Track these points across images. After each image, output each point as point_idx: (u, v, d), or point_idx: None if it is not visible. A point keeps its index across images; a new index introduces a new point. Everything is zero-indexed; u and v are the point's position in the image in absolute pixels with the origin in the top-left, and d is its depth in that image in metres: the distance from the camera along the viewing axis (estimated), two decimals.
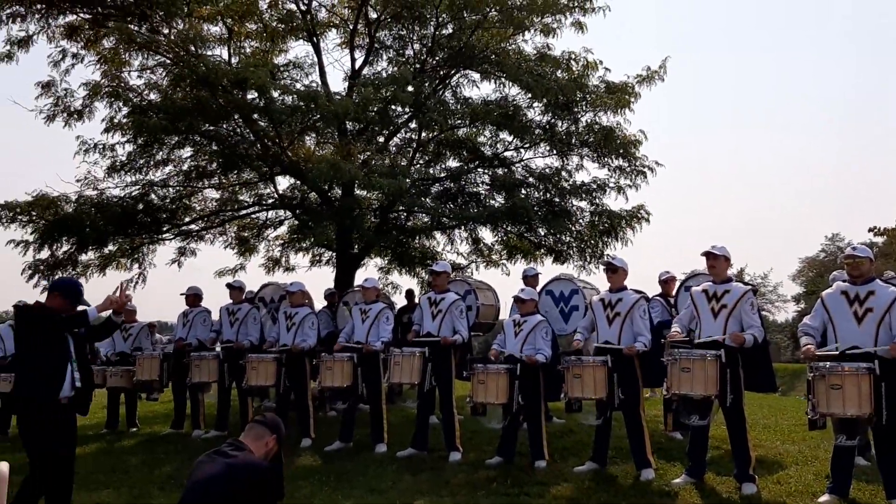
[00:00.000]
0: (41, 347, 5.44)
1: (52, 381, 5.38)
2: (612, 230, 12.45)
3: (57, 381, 5.40)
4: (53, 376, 5.40)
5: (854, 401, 5.64)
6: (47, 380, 5.38)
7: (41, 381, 5.37)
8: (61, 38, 12.18)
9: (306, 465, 8.00)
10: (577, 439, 8.64)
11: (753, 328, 6.45)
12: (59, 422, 5.39)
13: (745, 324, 6.48)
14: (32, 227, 11.99)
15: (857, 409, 5.64)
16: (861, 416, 5.66)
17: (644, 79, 12.45)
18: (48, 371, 5.40)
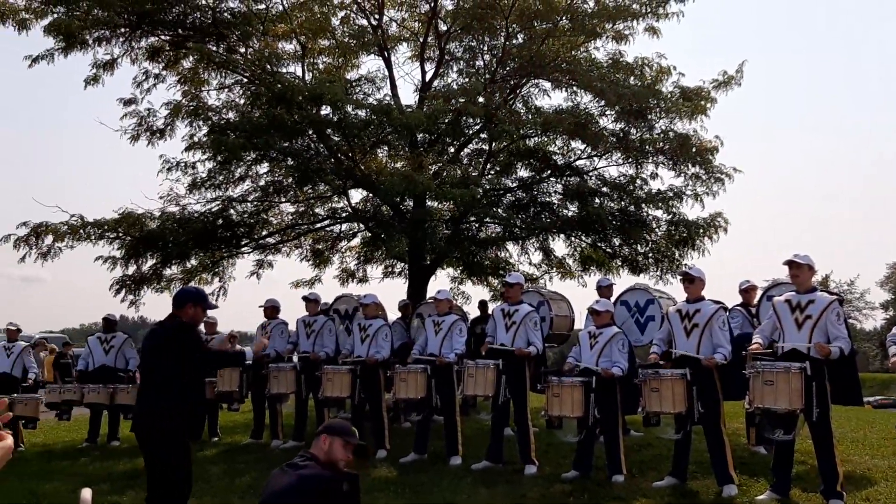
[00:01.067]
0: (188, 374, 5.39)
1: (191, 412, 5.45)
2: (689, 239, 12.18)
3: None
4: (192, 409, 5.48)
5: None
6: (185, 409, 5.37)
7: (182, 411, 5.32)
8: (144, 59, 12.66)
9: (382, 476, 8.05)
10: (656, 453, 8.46)
11: (840, 340, 6.20)
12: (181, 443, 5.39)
13: (830, 335, 6.24)
14: (119, 244, 12.42)
15: None
16: None
17: (720, 84, 12.18)
18: (188, 399, 5.39)
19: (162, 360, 5.37)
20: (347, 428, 4.21)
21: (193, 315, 5.50)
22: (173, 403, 5.28)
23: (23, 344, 11.47)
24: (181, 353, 5.36)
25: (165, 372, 5.33)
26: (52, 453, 10.46)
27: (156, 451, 5.29)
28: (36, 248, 12.00)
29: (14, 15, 11.57)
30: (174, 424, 5.28)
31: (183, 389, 5.35)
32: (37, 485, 8.11)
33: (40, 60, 12.02)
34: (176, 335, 5.41)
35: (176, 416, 5.29)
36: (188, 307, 5.47)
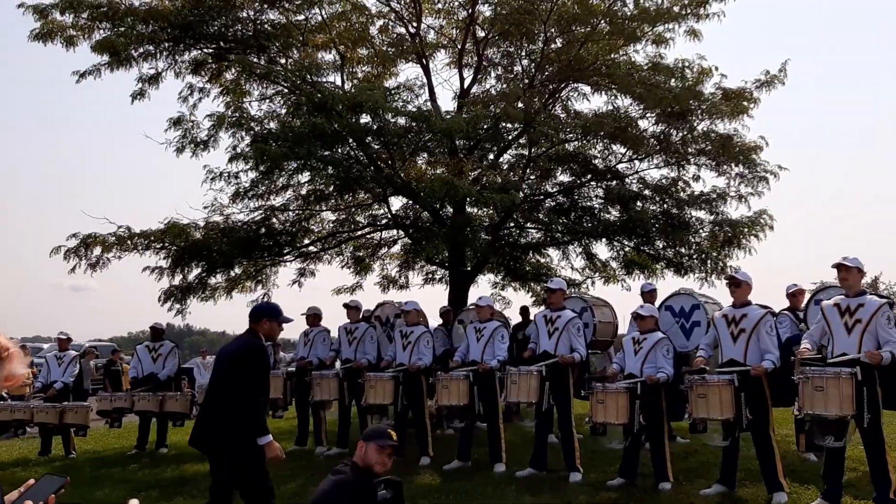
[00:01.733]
0: (261, 392, 5.47)
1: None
2: (734, 239, 12.00)
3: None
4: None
5: None
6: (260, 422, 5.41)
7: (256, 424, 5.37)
8: (187, 73, 12.87)
9: (426, 483, 8.05)
10: (703, 460, 8.34)
11: (890, 344, 6.05)
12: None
13: (881, 339, 6.09)
14: (165, 254, 12.63)
15: None
16: None
17: (763, 83, 11.99)
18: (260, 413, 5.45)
19: (237, 376, 5.39)
20: (381, 431, 4.25)
21: (269, 329, 5.61)
22: (245, 416, 5.30)
23: (72, 353, 11.73)
24: (256, 372, 5.42)
25: (239, 388, 5.35)
26: (102, 460, 10.66)
27: (233, 463, 5.30)
28: (85, 258, 12.24)
29: (62, 32, 11.86)
30: (246, 436, 5.29)
31: (255, 404, 5.38)
32: (88, 491, 8.27)
33: (87, 76, 12.30)
34: (253, 355, 5.44)
35: (247, 428, 5.29)
36: (264, 322, 5.59)
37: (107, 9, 11.60)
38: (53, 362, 11.53)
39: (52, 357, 11.74)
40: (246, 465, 5.29)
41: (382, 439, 4.17)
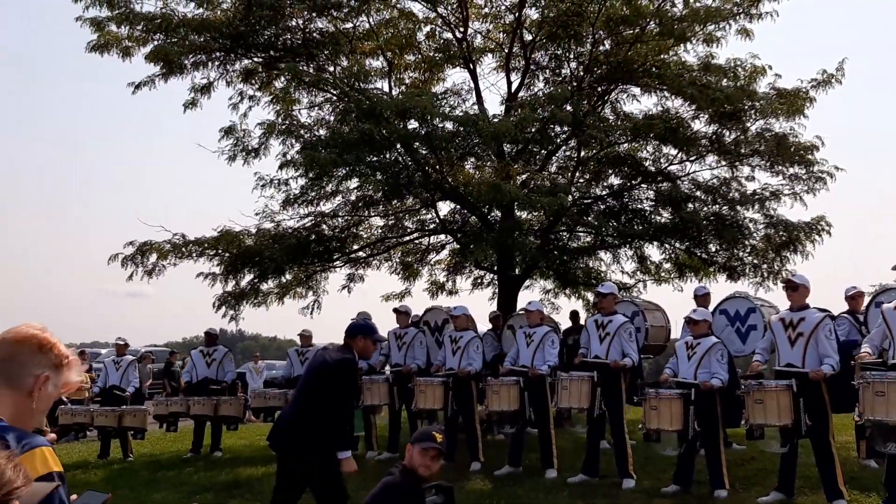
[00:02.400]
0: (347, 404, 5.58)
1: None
2: (791, 243, 11.73)
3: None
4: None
5: None
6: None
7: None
8: (238, 81, 13.08)
9: (476, 489, 8.03)
10: (760, 467, 8.16)
11: None
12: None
13: None
14: (218, 260, 12.84)
15: None
16: None
17: (819, 83, 11.71)
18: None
19: (328, 387, 5.41)
20: (427, 434, 4.27)
21: (364, 347, 5.70)
22: (331, 428, 5.34)
23: (129, 358, 12.01)
24: (347, 386, 5.53)
25: (329, 400, 5.38)
26: (158, 463, 10.88)
27: (319, 474, 5.35)
28: (141, 266, 12.52)
29: (118, 43, 12.17)
30: (331, 447, 5.34)
31: (342, 417, 5.45)
32: (146, 494, 8.45)
33: (143, 87, 12.59)
34: (346, 369, 5.51)
35: (332, 440, 5.34)
36: (359, 339, 5.67)
37: (160, 20, 11.86)
38: (111, 367, 11.83)
39: (109, 362, 12.05)
40: (331, 478, 5.34)
41: (426, 442, 4.18)
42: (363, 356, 5.81)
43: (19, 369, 1.89)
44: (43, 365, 1.91)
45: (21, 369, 1.89)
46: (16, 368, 1.89)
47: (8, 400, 1.87)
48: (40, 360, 1.90)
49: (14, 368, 1.89)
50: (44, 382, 1.91)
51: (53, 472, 1.83)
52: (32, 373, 1.90)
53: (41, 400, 1.92)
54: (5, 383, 1.88)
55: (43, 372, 1.91)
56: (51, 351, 1.92)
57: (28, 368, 1.89)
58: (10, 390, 1.88)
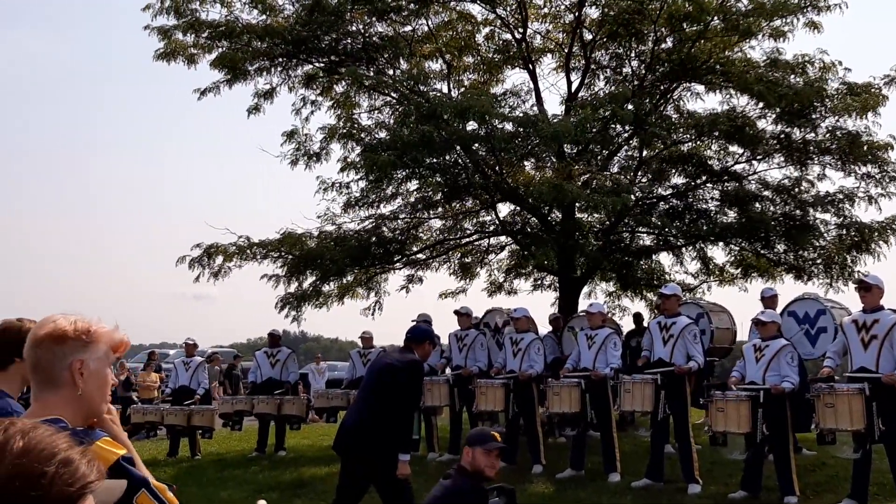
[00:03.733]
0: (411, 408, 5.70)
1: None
2: (863, 244, 11.35)
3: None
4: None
5: None
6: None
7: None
8: (300, 87, 13.28)
9: (539, 491, 7.98)
10: (832, 473, 7.90)
11: None
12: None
13: None
14: (282, 262, 13.05)
15: None
16: None
17: (893, 79, 11.30)
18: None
19: (396, 390, 5.45)
20: (486, 435, 4.26)
21: (427, 352, 5.85)
22: (397, 430, 5.40)
23: (199, 359, 12.28)
24: (415, 388, 5.65)
25: (397, 402, 5.44)
26: (225, 461, 11.10)
27: (385, 475, 5.37)
28: (208, 268, 12.81)
29: (184, 51, 12.49)
30: (391, 446, 5.37)
31: (408, 420, 5.57)
32: (213, 492, 8.63)
33: (208, 93, 12.90)
34: (415, 372, 5.58)
35: (396, 442, 5.39)
36: (426, 344, 5.81)
37: (225, 27, 12.12)
38: (181, 367, 12.12)
39: (179, 363, 12.35)
40: (396, 478, 5.35)
41: (488, 442, 4.17)
42: (423, 360, 5.84)
43: (50, 370, 1.86)
44: (68, 354, 1.86)
45: (52, 369, 1.86)
46: (47, 371, 1.86)
47: (57, 401, 1.86)
48: (63, 351, 1.85)
49: (44, 372, 1.86)
50: (80, 368, 1.87)
51: (119, 457, 1.82)
52: (64, 366, 1.85)
53: (89, 382, 1.88)
54: (47, 387, 1.86)
55: (73, 359, 1.86)
56: (67, 337, 1.86)
57: (57, 365, 1.85)
58: (55, 391, 1.86)
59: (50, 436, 1.18)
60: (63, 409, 1.86)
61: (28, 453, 1.14)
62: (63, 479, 1.14)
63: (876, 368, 6.46)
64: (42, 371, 1.86)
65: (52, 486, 1.12)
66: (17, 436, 1.16)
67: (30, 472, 1.12)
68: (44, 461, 1.14)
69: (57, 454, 1.16)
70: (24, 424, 1.19)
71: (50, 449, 1.16)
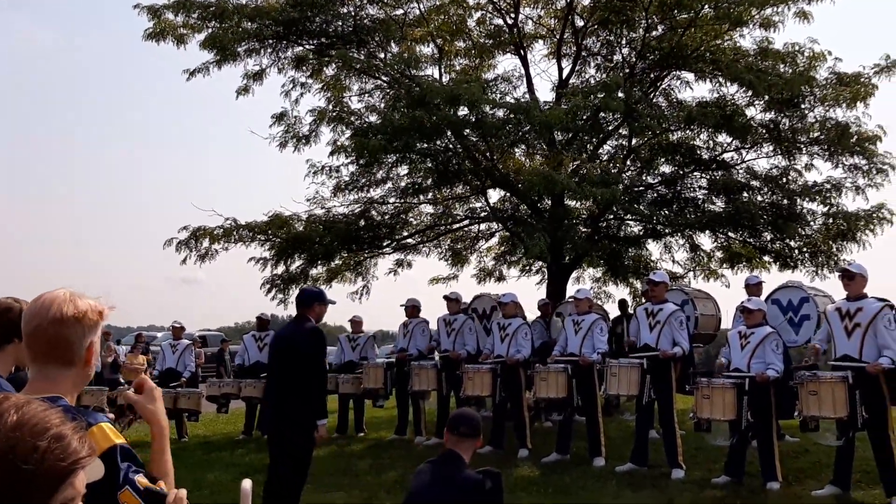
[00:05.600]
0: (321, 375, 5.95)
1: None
2: (849, 233, 11.42)
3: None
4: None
5: None
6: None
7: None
8: (290, 68, 13.21)
9: (524, 475, 8.03)
10: (815, 460, 7.99)
11: None
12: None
13: None
14: (269, 245, 13.03)
15: None
16: None
17: (882, 69, 11.34)
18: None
19: (300, 362, 5.66)
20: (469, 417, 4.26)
21: (319, 313, 5.87)
22: (309, 399, 5.60)
23: (186, 342, 12.26)
24: (319, 354, 5.78)
25: (303, 374, 5.63)
26: (212, 444, 11.12)
27: (291, 445, 5.61)
28: (195, 250, 12.79)
29: (173, 31, 12.39)
30: (307, 419, 5.60)
31: (318, 388, 5.77)
32: (200, 474, 8.64)
33: (197, 74, 12.81)
34: (317, 338, 5.77)
35: (310, 411, 5.61)
36: (315, 306, 5.85)
37: (215, 7, 12.04)
38: (168, 350, 12.11)
39: (166, 345, 12.34)
40: (300, 448, 5.59)
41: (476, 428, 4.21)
42: (318, 321, 5.94)
43: (70, 349, 1.88)
44: (87, 334, 1.90)
45: (73, 349, 1.88)
46: (67, 350, 1.87)
47: (67, 378, 1.88)
48: (83, 332, 1.89)
49: (64, 350, 1.87)
50: (93, 347, 1.93)
51: (116, 444, 1.85)
52: (84, 346, 1.90)
53: (94, 359, 1.95)
54: (61, 365, 1.87)
55: (90, 340, 1.92)
56: (86, 317, 1.90)
57: (78, 345, 1.89)
58: (68, 368, 1.88)
59: (43, 411, 1.20)
60: (68, 386, 1.90)
61: (21, 427, 1.15)
62: (55, 454, 1.15)
63: (859, 356, 6.52)
64: (61, 349, 1.88)
65: (44, 461, 1.14)
66: (11, 410, 1.17)
67: (23, 445, 1.13)
68: (37, 436, 1.15)
69: (49, 429, 1.17)
70: (17, 399, 1.21)
71: (43, 424, 1.17)
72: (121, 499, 1.81)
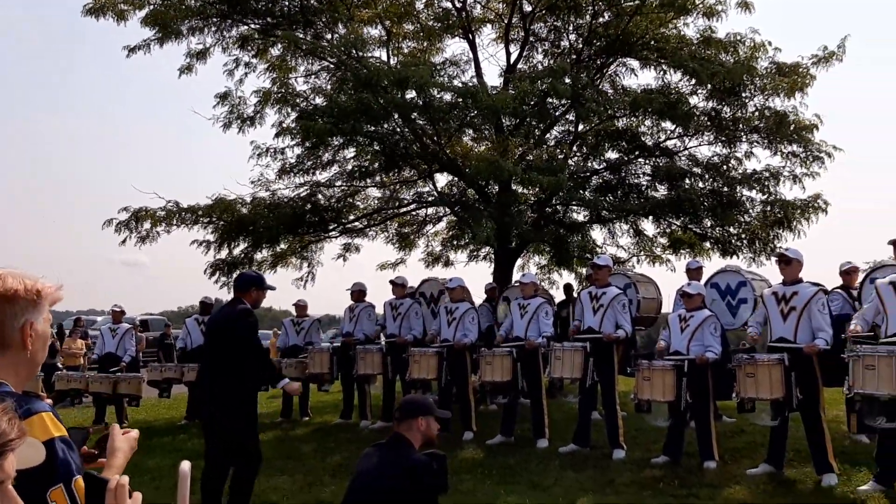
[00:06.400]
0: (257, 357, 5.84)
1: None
2: (785, 221, 11.72)
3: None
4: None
5: None
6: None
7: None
8: (234, 48, 12.96)
9: (469, 458, 8.09)
10: (750, 440, 8.22)
11: None
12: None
13: None
14: (213, 228, 12.82)
15: None
16: None
17: (820, 60, 11.63)
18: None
19: (232, 345, 5.65)
20: (433, 404, 4.25)
21: (256, 298, 5.84)
22: (243, 385, 5.60)
23: (126, 326, 12.00)
24: (251, 337, 5.70)
25: (236, 356, 5.61)
26: (152, 429, 10.91)
27: (229, 426, 5.59)
28: (135, 232, 12.51)
29: (113, 7, 12.04)
30: (244, 403, 5.63)
31: (259, 365, 5.75)
32: (140, 459, 8.48)
33: (137, 51, 12.48)
34: (248, 323, 5.70)
35: (246, 396, 5.65)
36: (252, 291, 5.82)
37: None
38: (107, 334, 11.85)
39: (106, 330, 12.06)
40: (242, 429, 5.56)
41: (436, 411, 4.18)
42: (255, 307, 5.88)
43: (2, 329, 1.78)
44: (20, 314, 1.80)
45: (2, 330, 1.78)
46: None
47: (4, 362, 1.79)
48: (15, 311, 1.78)
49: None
50: (31, 328, 1.81)
51: (55, 437, 1.75)
52: (16, 327, 1.79)
53: (36, 343, 1.84)
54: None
55: (25, 319, 1.80)
56: (17, 295, 1.79)
57: (9, 325, 1.78)
58: (2, 351, 1.79)
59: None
60: (8, 371, 1.80)
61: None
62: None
63: (794, 339, 6.70)
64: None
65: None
66: None
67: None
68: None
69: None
70: None
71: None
72: (51, 496, 1.71)
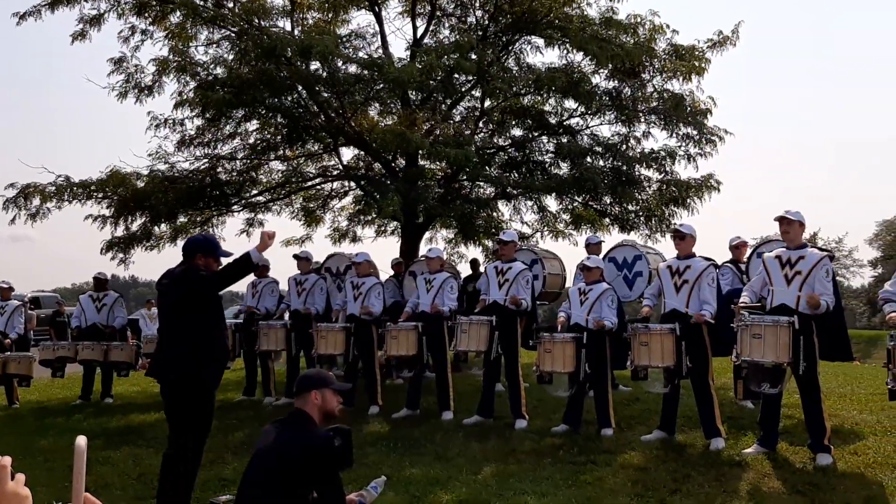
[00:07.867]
0: (210, 319, 5.33)
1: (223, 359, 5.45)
2: (680, 199, 12.16)
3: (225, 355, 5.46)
4: (224, 352, 5.44)
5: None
6: (220, 357, 5.39)
7: (212, 361, 5.30)
8: (131, 14, 12.40)
9: (374, 431, 8.13)
10: (645, 408, 8.57)
11: (825, 296, 6.20)
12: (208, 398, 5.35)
13: (817, 291, 6.22)
14: (108, 203, 12.33)
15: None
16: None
17: (715, 44, 12.06)
18: (221, 347, 5.39)
19: (187, 298, 5.23)
20: (331, 376, 4.24)
21: (205, 265, 5.31)
22: (200, 349, 5.20)
23: (15, 303, 11.42)
24: (199, 288, 5.23)
25: (189, 315, 5.23)
26: (46, 410, 10.52)
27: (183, 398, 5.22)
28: (24, 209, 11.92)
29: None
30: (202, 370, 5.22)
31: (209, 334, 5.27)
32: (32, 440, 8.17)
33: (28, 17, 11.81)
34: (199, 276, 5.26)
35: (204, 363, 5.23)
36: (199, 258, 5.32)
37: None
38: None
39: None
40: (196, 394, 5.22)
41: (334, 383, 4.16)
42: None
43: None
44: None
45: None
46: None
47: None
48: None
49: None
50: None
51: None
52: None
53: None
54: None
55: None
56: None
57: None
58: None
59: None
60: None
61: None
62: None
63: (686, 310, 7.01)
64: None
65: None
66: None
67: None
68: None
69: None
70: None
71: None
72: None
